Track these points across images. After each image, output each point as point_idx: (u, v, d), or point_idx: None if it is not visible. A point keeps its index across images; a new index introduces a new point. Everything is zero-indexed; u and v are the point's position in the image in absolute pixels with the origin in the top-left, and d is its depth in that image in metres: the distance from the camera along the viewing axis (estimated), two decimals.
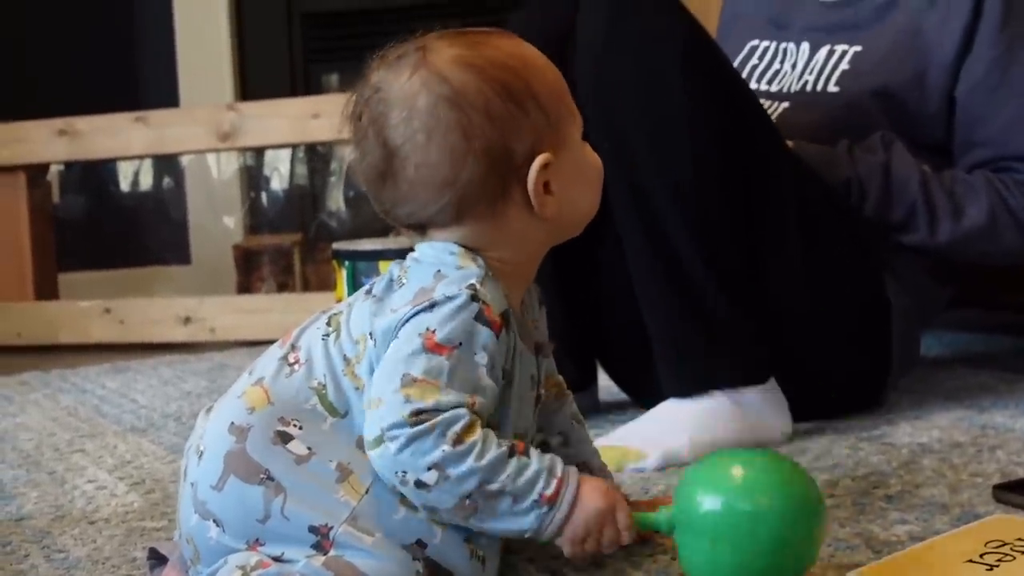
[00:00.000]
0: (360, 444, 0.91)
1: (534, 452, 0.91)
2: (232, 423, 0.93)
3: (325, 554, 0.89)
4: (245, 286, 3.03)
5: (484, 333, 0.90)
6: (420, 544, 0.90)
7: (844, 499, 1.19)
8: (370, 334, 0.92)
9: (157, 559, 1.04)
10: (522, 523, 0.90)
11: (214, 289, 3.01)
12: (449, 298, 0.90)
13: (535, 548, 1.07)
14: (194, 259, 3.31)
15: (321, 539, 0.89)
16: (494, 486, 0.88)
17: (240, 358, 2.33)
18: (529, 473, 0.90)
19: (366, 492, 0.90)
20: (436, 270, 0.93)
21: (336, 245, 1.65)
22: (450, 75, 0.93)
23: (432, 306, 0.90)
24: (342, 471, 0.90)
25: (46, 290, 2.82)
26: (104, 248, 3.27)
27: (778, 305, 1.45)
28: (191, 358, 2.42)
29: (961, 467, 1.29)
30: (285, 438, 0.91)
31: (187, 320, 2.68)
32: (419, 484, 0.87)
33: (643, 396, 1.58)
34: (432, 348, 0.89)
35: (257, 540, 0.90)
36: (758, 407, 1.41)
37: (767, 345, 1.43)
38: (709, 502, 0.91)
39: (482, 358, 0.90)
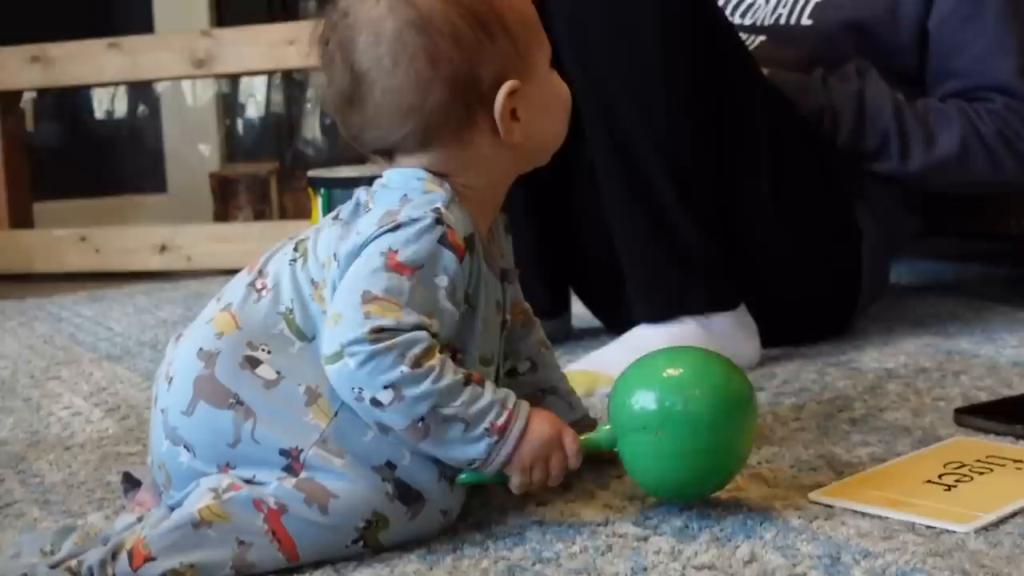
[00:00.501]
0: None
1: (489, 384, 0.92)
2: (201, 348, 0.93)
3: (296, 476, 0.90)
4: (222, 214, 3.03)
5: (447, 256, 0.91)
6: (390, 465, 0.91)
7: (809, 422, 1.21)
8: (335, 255, 0.93)
9: (131, 483, 1.05)
10: (471, 451, 0.91)
11: (190, 217, 3.01)
12: (414, 220, 0.91)
13: None
14: (170, 187, 3.30)
15: (292, 462, 0.90)
16: (447, 411, 0.89)
17: (216, 286, 2.30)
18: (482, 403, 0.91)
19: (335, 415, 0.91)
20: (403, 194, 0.94)
21: (312, 172, 1.65)
22: (417, 0, 0.93)
23: (397, 227, 0.91)
24: (310, 394, 0.91)
25: (21, 219, 2.81)
26: (79, 176, 3.26)
27: (749, 233, 1.46)
28: (167, 286, 2.42)
29: (925, 391, 1.31)
30: (253, 363, 0.92)
31: (163, 248, 2.67)
32: (374, 402, 0.88)
33: (615, 322, 1.60)
34: (394, 267, 0.90)
35: (228, 464, 0.91)
36: (728, 333, 1.43)
37: (737, 272, 1.44)
38: (639, 398, 0.94)
39: (443, 280, 0.91)
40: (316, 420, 0.91)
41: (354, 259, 0.91)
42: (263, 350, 0.92)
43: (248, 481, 0.90)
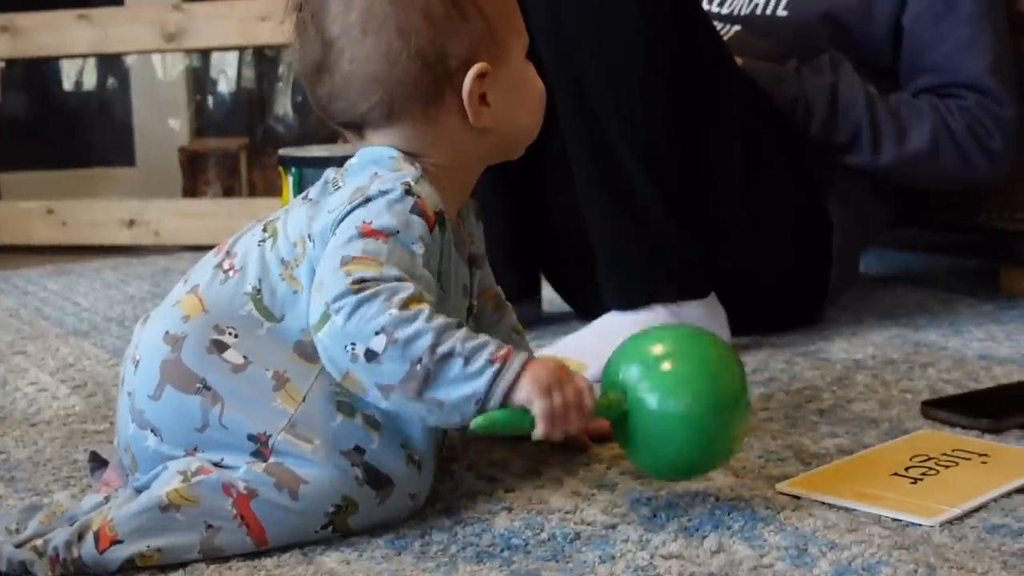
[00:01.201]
0: (298, 350, 0.92)
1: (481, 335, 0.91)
2: (167, 332, 0.93)
3: (266, 461, 0.90)
4: (190, 190, 3.01)
5: (419, 223, 0.91)
6: (358, 450, 0.91)
7: (777, 412, 1.22)
8: (308, 236, 0.93)
9: (98, 462, 1.05)
10: (476, 385, 0.86)
11: (159, 192, 2.99)
12: (383, 192, 0.91)
13: (473, 455, 1.09)
14: (139, 161, 3.27)
15: (260, 447, 0.90)
16: (443, 347, 0.86)
17: (184, 263, 2.32)
18: (480, 339, 0.88)
19: (303, 400, 0.91)
20: (373, 172, 0.94)
21: (283, 151, 1.64)
22: None
23: (367, 200, 0.91)
24: (278, 379, 0.91)
25: None
26: (47, 148, 3.22)
27: (720, 221, 1.47)
28: (135, 261, 2.40)
29: (892, 383, 1.32)
30: (221, 347, 0.91)
31: (131, 223, 2.65)
32: (369, 354, 0.86)
33: (586, 308, 1.60)
34: (368, 233, 0.89)
35: (196, 448, 0.91)
36: (698, 321, 1.42)
37: (708, 260, 1.45)
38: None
39: (419, 247, 0.90)
40: (284, 405, 0.90)
41: (329, 236, 0.91)
42: (230, 334, 0.92)
43: (217, 464, 0.90)
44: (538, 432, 0.88)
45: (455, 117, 0.96)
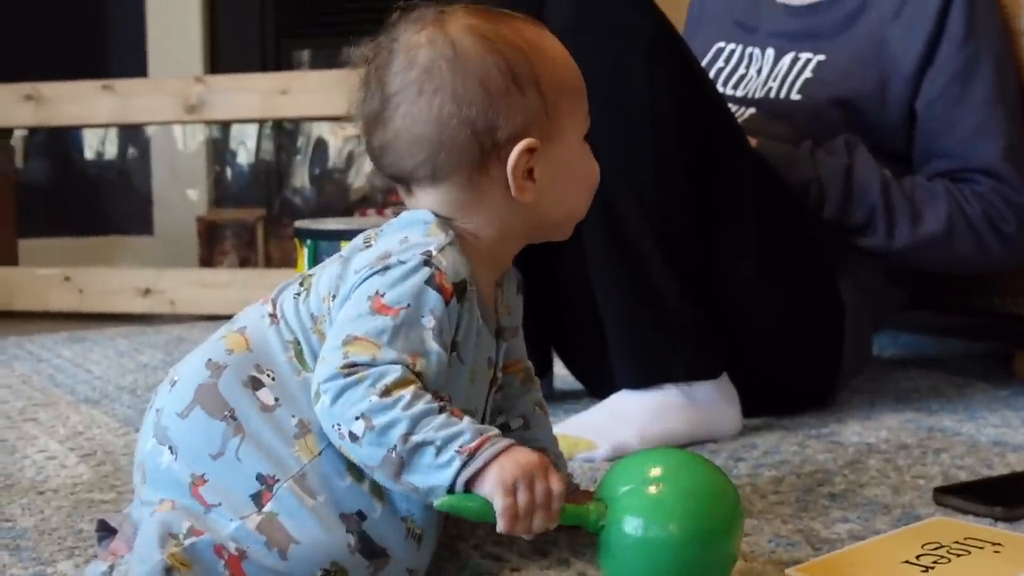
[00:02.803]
0: None
1: (468, 419, 0.89)
2: (210, 359, 0.95)
3: (261, 508, 0.89)
4: (207, 259, 3.03)
5: (433, 297, 0.91)
6: (360, 515, 0.91)
7: (788, 495, 1.21)
8: (333, 296, 0.94)
9: (106, 531, 1.04)
10: (443, 475, 0.86)
11: (176, 261, 3.01)
12: (401, 262, 0.91)
13: (480, 533, 1.08)
14: (156, 230, 3.30)
15: (264, 489, 0.90)
16: (417, 436, 0.86)
17: (198, 332, 2.32)
18: (457, 427, 0.87)
19: (319, 453, 0.91)
20: (403, 236, 0.95)
21: (299, 223, 1.65)
22: (457, 39, 0.95)
23: (385, 269, 0.91)
24: (302, 427, 0.92)
25: (5, 256, 2.80)
26: (66, 216, 3.26)
27: (733, 302, 1.47)
28: (149, 330, 2.41)
29: (905, 469, 1.31)
30: (256, 384, 0.93)
31: (147, 291, 2.67)
32: (351, 436, 0.87)
33: (598, 387, 1.59)
34: (378, 309, 0.90)
35: (203, 476, 0.91)
36: (710, 402, 1.43)
37: (721, 340, 1.44)
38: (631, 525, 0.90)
39: (429, 321, 0.90)
40: (300, 454, 0.91)
41: (346, 299, 0.92)
42: (268, 375, 0.93)
43: (211, 505, 0.90)
44: (499, 527, 0.87)
45: (498, 188, 0.96)
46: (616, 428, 1.39)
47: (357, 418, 0.87)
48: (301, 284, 0.98)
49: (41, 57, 3.10)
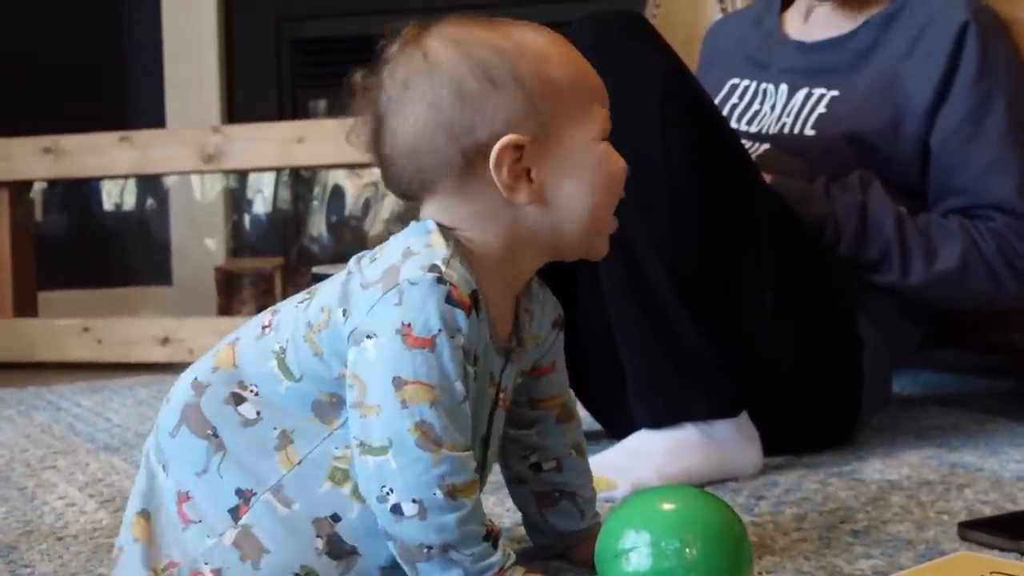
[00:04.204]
0: (316, 410, 0.94)
1: (502, 542, 0.92)
2: (196, 379, 0.97)
3: (238, 522, 0.92)
4: (225, 308, 3.03)
5: (458, 315, 0.90)
6: (334, 518, 0.92)
7: (811, 533, 1.20)
8: (343, 311, 0.93)
9: None
10: None
11: (194, 311, 3.01)
12: (413, 284, 0.90)
13: None
14: (175, 280, 3.31)
15: (241, 503, 0.93)
16: (456, 555, 0.89)
17: None
18: (487, 562, 0.90)
19: (298, 463, 0.93)
20: (406, 247, 0.94)
21: (316, 269, 1.67)
22: (431, 50, 0.95)
23: (400, 294, 0.90)
24: (283, 439, 0.93)
25: (25, 307, 2.81)
26: (85, 267, 3.27)
27: (751, 341, 1.46)
28: (168, 379, 2.41)
29: (928, 504, 1.30)
30: (238, 400, 0.95)
31: (166, 341, 2.67)
32: (396, 509, 0.88)
33: (617, 427, 1.59)
34: (413, 344, 0.89)
35: (188, 493, 0.94)
36: (729, 440, 1.42)
37: (739, 379, 1.44)
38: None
39: (460, 340, 0.90)
40: (279, 465, 0.93)
41: (363, 318, 0.91)
42: (251, 391, 0.95)
43: (192, 523, 0.93)
44: None
45: (492, 191, 0.95)
46: (635, 468, 1.38)
47: (414, 501, 0.87)
48: (307, 293, 0.99)
49: (59, 109, 3.13)
